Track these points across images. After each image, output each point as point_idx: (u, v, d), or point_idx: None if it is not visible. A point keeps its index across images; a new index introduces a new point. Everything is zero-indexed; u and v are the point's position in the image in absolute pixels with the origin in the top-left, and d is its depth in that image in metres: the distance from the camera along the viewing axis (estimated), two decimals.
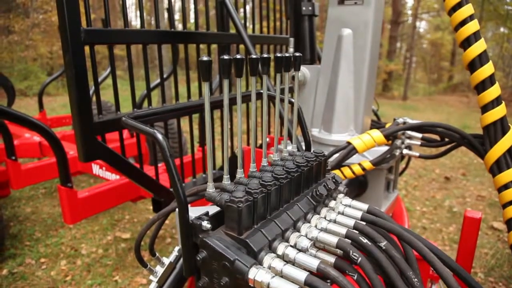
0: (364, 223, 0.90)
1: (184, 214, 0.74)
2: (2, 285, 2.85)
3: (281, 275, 0.70)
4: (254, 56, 0.82)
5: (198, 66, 0.72)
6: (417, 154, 1.71)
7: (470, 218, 1.47)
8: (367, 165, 1.54)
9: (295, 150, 1.06)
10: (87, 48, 1.50)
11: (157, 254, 1.10)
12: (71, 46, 1.41)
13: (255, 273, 0.67)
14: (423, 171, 5.85)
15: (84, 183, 5.03)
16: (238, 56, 0.78)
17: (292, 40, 1.88)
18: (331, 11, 1.72)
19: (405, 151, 1.72)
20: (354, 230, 0.85)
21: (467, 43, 1.33)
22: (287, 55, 0.94)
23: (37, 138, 4.05)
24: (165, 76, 3.79)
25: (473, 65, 1.32)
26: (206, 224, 0.75)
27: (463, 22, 1.32)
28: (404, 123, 1.70)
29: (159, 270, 1.10)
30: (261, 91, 1.15)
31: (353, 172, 1.55)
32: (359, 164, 1.55)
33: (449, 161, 6.41)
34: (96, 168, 3.35)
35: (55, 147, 2.42)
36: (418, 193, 4.88)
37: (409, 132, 1.69)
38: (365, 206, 0.97)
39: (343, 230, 0.84)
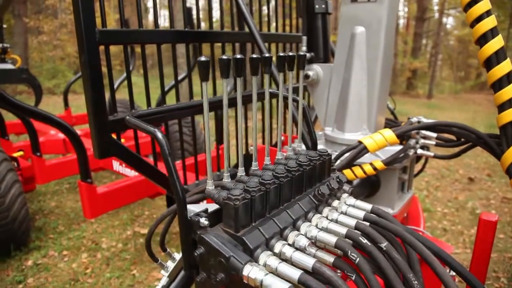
0: (366, 223, 0.89)
1: (183, 211, 0.76)
2: (27, 275, 2.97)
3: (276, 273, 0.70)
4: (254, 56, 0.82)
5: (197, 65, 0.73)
6: (432, 154, 1.67)
7: (486, 221, 1.42)
8: (379, 164, 1.51)
9: (299, 149, 1.06)
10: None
11: (168, 250, 1.12)
12: (86, 47, 1.46)
13: (249, 270, 0.68)
14: (446, 171, 5.69)
15: (106, 179, 5.18)
16: (238, 56, 0.79)
17: (304, 38, 1.87)
18: (344, 9, 1.70)
19: (419, 151, 1.68)
20: (355, 230, 0.84)
21: (483, 39, 1.29)
22: (290, 54, 0.94)
23: (61, 135, 4.19)
24: (183, 75, 3.85)
25: (490, 63, 1.28)
26: (204, 221, 0.76)
27: (479, 18, 1.28)
28: (419, 122, 1.66)
29: (170, 265, 1.12)
30: (272, 90, 1.16)
31: (364, 172, 1.53)
32: (371, 164, 1.53)
33: (474, 162, 6.20)
34: (116, 165, 3.45)
35: (76, 143, 2.50)
36: (440, 194, 4.75)
37: (424, 132, 1.66)
38: (369, 206, 0.96)
39: (343, 230, 0.83)
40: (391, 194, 1.69)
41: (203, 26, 2.39)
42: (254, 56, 0.81)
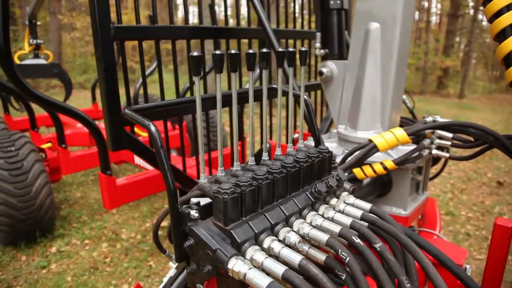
0: (362, 222, 0.88)
1: (174, 203, 0.77)
2: (51, 261, 3.11)
3: (262, 268, 0.70)
4: (251, 51, 0.82)
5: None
6: (447, 155, 1.62)
7: (501, 226, 1.36)
8: (389, 164, 1.48)
9: (302, 145, 1.05)
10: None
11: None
12: (101, 42, 1.50)
13: (234, 264, 0.68)
14: (473, 174, 5.47)
15: (130, 171, 5.32)
16: (233, 51, 0.79)
17: (318, 34, 1.84)
18: (359, 4, 1.67)
19: (434, 151, 1.63)
20: (349, 229, 0.83)
21: (502, 35, 1.23)
22: (290, 49, 0.93)
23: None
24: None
25: (509, 60, 1.22)
26: (194, 213, 0.77)
27: (499, 13, 1.23)
28: (434, 121, 1.61)
29: None
30: (273, 86, 1.15)
31: (375, 171, 1.50)
32: (381, 163, 1.50)
33: (504, 165, 5.93)
34: (137, 158, 3.54)
35: (96, 136, 2.58)
36: (465, 197, 4.57)
37: (440, 132, 1.60)
38: (368, 206, 0.94)
39: (337, 229, 0.82)
40: (403, 195, 1.65)
41: (232, 22, 2.41)
42: (251, 51, 0.81)
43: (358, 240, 0.79)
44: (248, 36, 2.28)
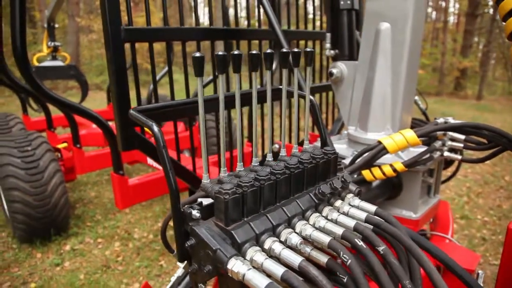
0: (366, 225, 0.87)
1: (176, 203, 0.78)
2: (64, 259, 3.18)
3: (261, 268, 0.70)
4: (254, 52, 0.82)
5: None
6: (459, 157, 1.58)
7: None
8: (399, 166, 1.45)
9: (307, 146, 1.04)
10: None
11: None
12: (112, 44, 1.53)
13: (233, 264, 0.68)
14: (490, 177, 5.33)
15: (143, 172, 5.39)
16: (236, 52, 0.79)
17: (328, 35, 1.83)
18: (369, 4, 1.65)
19: (446, 153, 1.60)
20: (352, 232, 0.82)
21: None
22: (296, 50, 0.93)
23: None
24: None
25: None
26: (195, 213, 0.77)
27: None
28: (445, 123, 1.58)
29: None
30: (276, 87, 1.15)
31: (384, 173, 1.48)
32: (391, 165, 1.47)
33: None
34: (150, 158, 3.58)
35: (109, 137, 2.63)
36: (481, 201, 4.46)
37: (452, 134, 1.57)
38: (373, 208, 0.93)
39: (340, 231, 0.81)
40: (413, 198, 1.62)
41: (243, 24, 2.43)
42: (254, 52, 0.81)
43: (360, 243, 0.78)
44: (259, 37, 2.29)
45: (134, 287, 2.83)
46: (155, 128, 0.79)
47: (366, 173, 1.50)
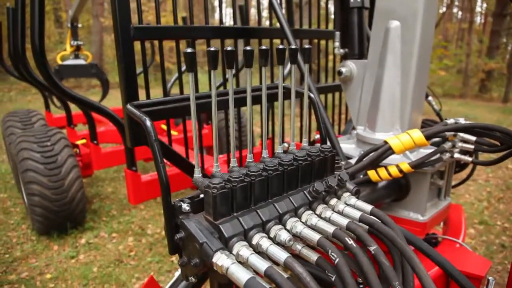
0: (361, 224, 0.86)
1: (166, 196, 0.79)
2: (79, 252, 3.27)
3: (247, 263, 0.70)
4: (248, 48, 0.83)
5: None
6: (469, 159, 1.53)
7: None
8: (405, 167, 1.42)
9: (305, 144, 1.04)
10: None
11: None
12: (121, 42, 1.56)
13: (218, 258, 0.69)
14: None
15: None
16: (229, 48, 0.80)
17: (337, 33, 1.81)
18: (379, 2, 1.62)
19: (456, 155, 1.55)
20: (344, 230, 0.81)
21: None
22: (293, 47, 0.93)
23: None
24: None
25: None
26: (185, 206, 0.78)
27: None
28: (456, 123, 1.53)
29: None
30: (277, 83, 1.15)
31: (390, 174, 1.45)
32: (397, 166, 1.44)
33: None
34: None
35: (122, 133, 2.69)
36: (502, 207, 4.31)
37: (462, 135, 1.52)
38: (369, 208, 0.91)
39: (332, 229, 0.80)
40: (421, 200, 1.58)
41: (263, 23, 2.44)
42: (248, 48, 0.82)
43: (351, 242, 0.77)
44: (270, 36, 2.28)
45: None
46: (148, 123, 0.80)
47: (371, 174, 1.48)
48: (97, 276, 2.91)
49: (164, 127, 5.00)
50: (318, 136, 1.95)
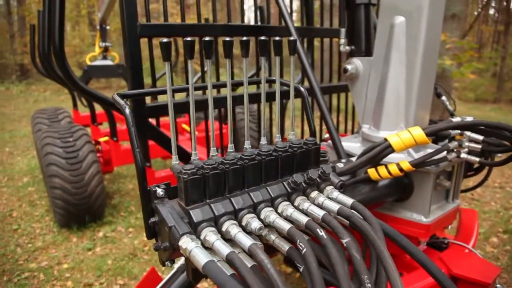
0: (338, 216, 0.85)
1: (143, 181, 0.81)
2: (96, 244, 3.38)
3: (212, 248, 0.71)
4: (228, 39, 0.84)
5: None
6: (477, 159, 1.47)
7: None
8: (405, 165, 1.38)
9: (292, 137, 1.03)
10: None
11: None
12: (128, 39, 1.61)
13: (184, 241, 0.70)
14: None
15: None
16: (207, 39, 0.81)
17: (343, 30, 1.79)
18: None
19: (463, 155, 1.49)
20: (315, 222, 0.80)
21: None
22: (277, 38, 0.93)
23: None
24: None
25: None
26: (160, 192, 0.80)
27: None
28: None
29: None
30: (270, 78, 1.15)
31: (389, 172, 1.42)
32: (397, 164, 1.41)
33: None
34: None
35: None
36: None
37: (469, 134, 1.47)
38: (350, 201, 0.90)
39: (305, 220, 0.80)
40: (424, 200, 1.53)
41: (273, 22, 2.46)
42: (227, 39, 0.83)
43: (322, 233, 0.76)
44: (279, 34, 2.29)
45: None
46: (127, 110, 0.83)
47: (371, 172, 1.45)
48: (111, 268, 3.00)
49: (186, 127, 5.10)
50: (327, 135, 1.93)
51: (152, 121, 1.93)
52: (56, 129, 3.56)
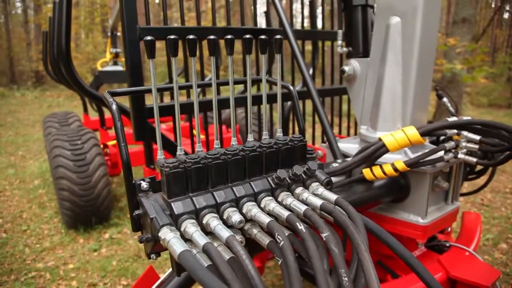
0: (320, 211, 0.85)
1: (128, 175, 0.83)
2: (102, 245, 3.42)
3: (191, 240, 0.72)
4: (212, 38, 0.86)
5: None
6: (474, 160, 1.45)
7: None
8: (400, 165, 1.38)
9: (280, 134, 1.05)
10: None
11: None
12: (128, 42, 1.65)
13: (163, 232, 0.71)
14: None
15: None
16: (191, 37, 0.84)
17: (340, 32, 1.80)
18: None
19: (460, 156, 1.48)
20: (304, 217, 0.81)
21: None
22: (263, 37, 0.95)
23: None
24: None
25: None
26: (144, 185, 0.82)
27: None
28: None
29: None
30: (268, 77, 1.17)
31: (384, 172, 1.41)
32: (392, 164, 1.40)
33: None
34: None
35: None
36: None
37: (467, 134, 1.46)
38: (334, 197, 0.90)
39: (286, 214, 0.81)
40: (421, 201, 1.52)
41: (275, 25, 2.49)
42: (212, 37, 0.85)
43: (301, 227, 0.76)
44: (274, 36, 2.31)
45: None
46: (114, 106, 0.86)
47: (366, 172, 1.45)
48: (115, 269, 3.03)
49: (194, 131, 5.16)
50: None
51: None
52: (65, 132, 3.64)
